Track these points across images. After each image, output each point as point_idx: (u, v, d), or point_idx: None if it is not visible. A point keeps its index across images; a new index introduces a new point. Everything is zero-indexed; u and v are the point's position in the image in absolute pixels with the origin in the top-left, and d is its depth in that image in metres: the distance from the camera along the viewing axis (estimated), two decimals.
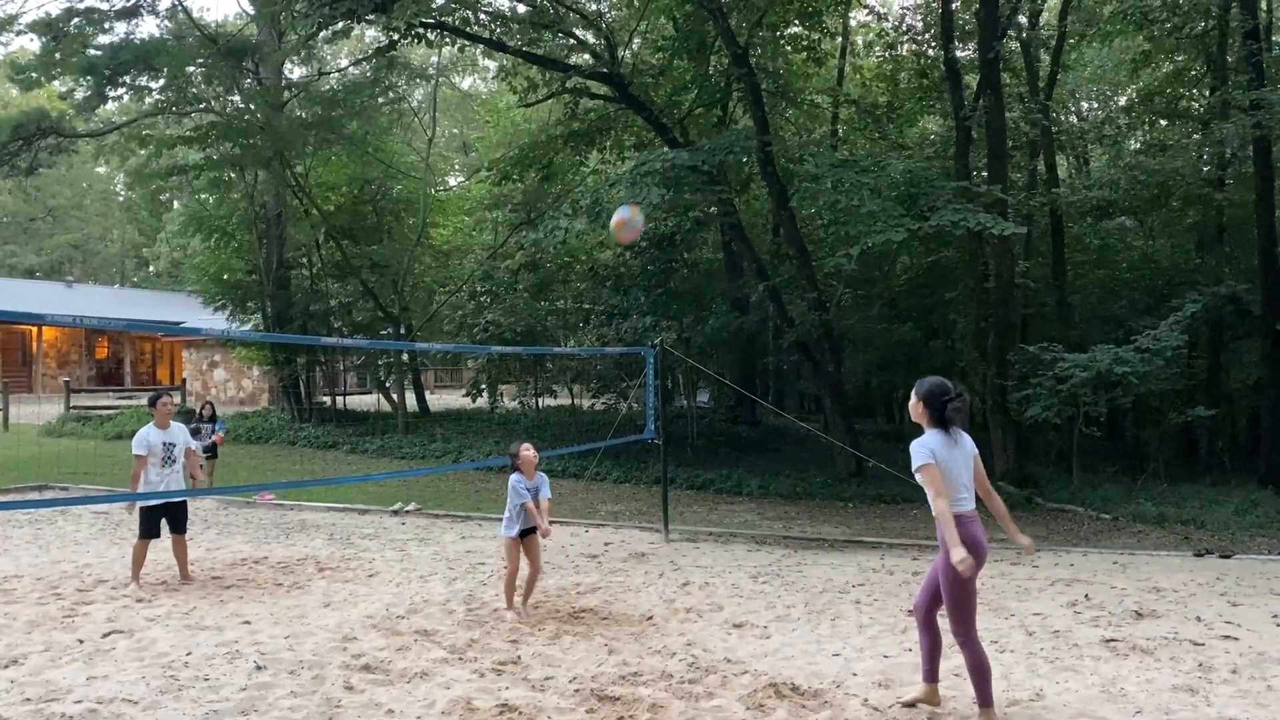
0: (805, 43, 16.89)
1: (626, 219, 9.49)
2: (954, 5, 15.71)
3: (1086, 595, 7.48)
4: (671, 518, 10.59)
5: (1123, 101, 22.39)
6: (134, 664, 5.59)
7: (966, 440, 4.66)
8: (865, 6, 19.84)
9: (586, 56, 16.71)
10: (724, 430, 18.00)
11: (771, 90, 16.39)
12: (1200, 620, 6.68)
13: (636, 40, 18.06)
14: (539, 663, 5.62)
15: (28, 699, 4.95)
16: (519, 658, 5.71)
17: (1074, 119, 23.15)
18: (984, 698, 4.55)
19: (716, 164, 14.16)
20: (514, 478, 6.81)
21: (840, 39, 19.94)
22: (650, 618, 6.72)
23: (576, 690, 5.09)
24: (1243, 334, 16.90)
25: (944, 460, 4.49)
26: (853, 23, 21.06)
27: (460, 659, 5.68)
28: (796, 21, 16.69)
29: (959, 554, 4.30)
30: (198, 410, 12.90)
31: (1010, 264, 14.70)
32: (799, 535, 10.46)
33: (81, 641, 6.08)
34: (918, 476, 4.52)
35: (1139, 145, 20.86)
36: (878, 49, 20.58)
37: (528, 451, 6.84)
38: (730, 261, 19.27)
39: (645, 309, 17.40)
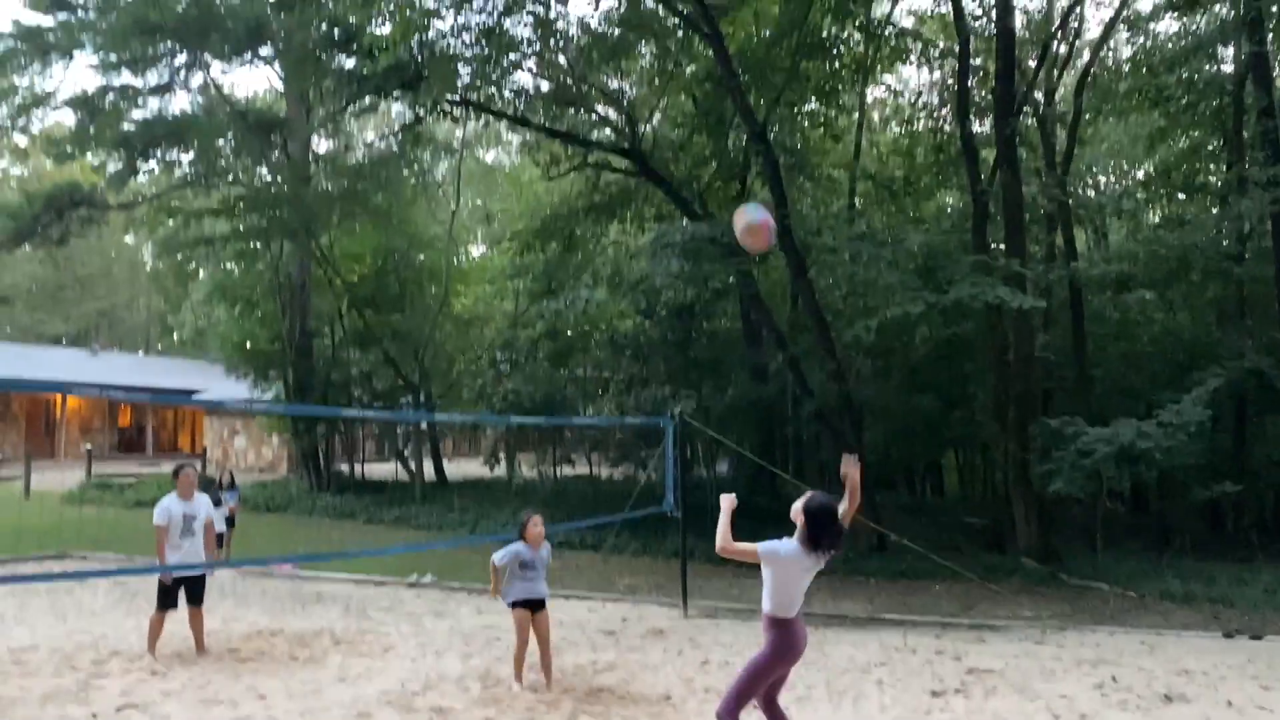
0: (822, 119, 17.17)
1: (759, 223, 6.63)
2: (970, 83, 15.93)
3: (1114, 677, 7.32)
4: (690, 592, 10.47)
5: (1140, 176, 22.54)
6: None
7: (820, 562, 4.73)
8: (881, 84, 20.17)
9: (608, 131, 17.02)
10: (743, 501, 17.83)
11: (789, 164, 16.61)
12: (1231, 705, 6.52)
13: (657, 116, 18.40)
14: None
15: None
16: None
17: (1091, 193, 23.28)
18: None
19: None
20: (517, 544, 6.82)
21: (857, 115, 20.24)
22: (669, 698, 6.62)
23: None
24: (1266, 408, 16.73)
25: (790, 566, 4.66)
26: (869, 99, 21.40)
27: None
28: (814, 98, 16.99)
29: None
30: (218, 478, 12.95)
31: (1030, 337, 14.69)
32: (820, 612, 10.31)
33: (95, 716, 6.04)
34: (745, 547, 4.72)
35: (1158, 219, 20.93)
36: (894, 124, 20.88)
37: (535, 527, 6.89)
38: (749, 331, 19.34)
39: (664, 378, 17.45)
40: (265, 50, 19.46)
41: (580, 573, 12.92)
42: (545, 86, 17.31)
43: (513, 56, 15.76)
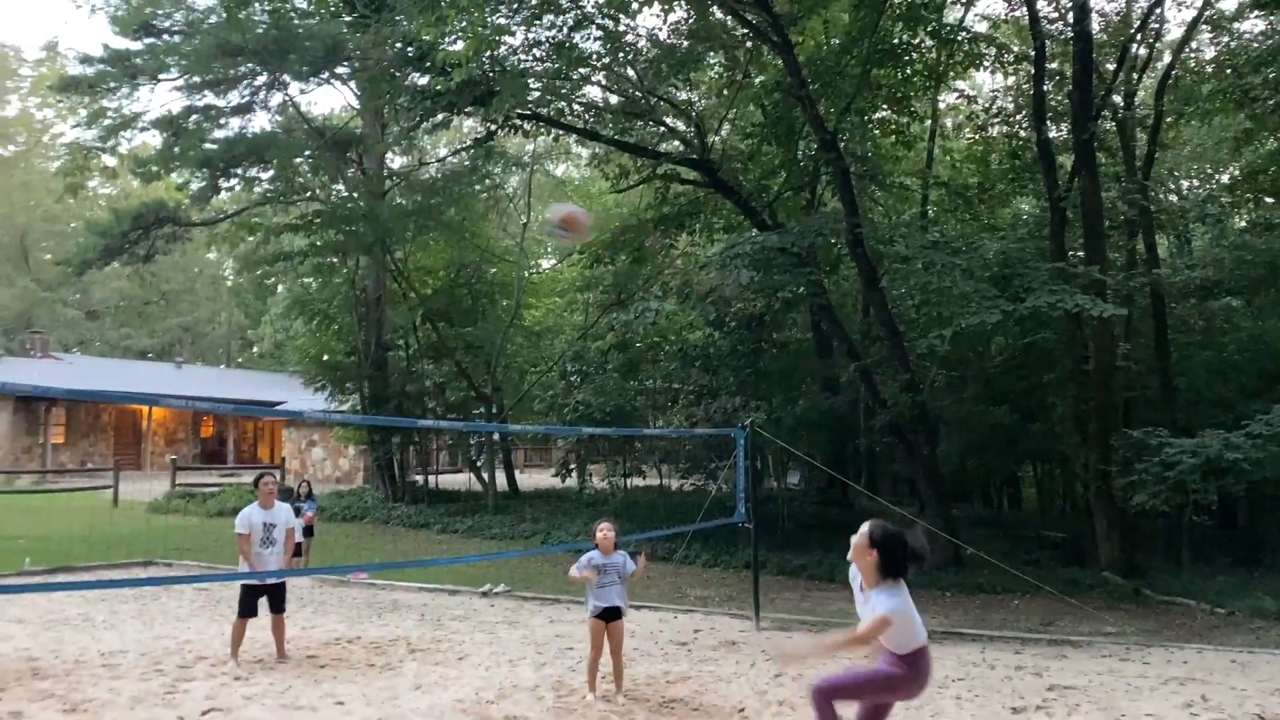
0: (894, 126, 16.99)
1: (573, 216, 8.33)
2: (1046, 87, 15.62)
3: (1203, 696, 7.08)
4: (763, 604, 10.40)
5: (1225, 179, 21.84)
6: None
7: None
8: (954, 90, 19.88)
9: (677, 143, 17.05)
10: (815, 514, 17.71)
11: (860, 173, 16.47)
12: None
13: (726, 127, 18.38)
14: None
15: None
16: None
17: (1174, 197, 22.63)
18: None
19: (806, 246, 14.22)
20: (591, 553, 6.86)
21: (929, 121, 19.98)
22: (742, 710, 6.58)
23: None
24: None
25: (906, 610, 4.37)
26: (942, 105, 21.10)
27: None
28: (885, 106, 16.82)
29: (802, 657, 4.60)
30: (296, 489, 13.24)
31: (1111, 346, 14.32)
32: None
33: (181, 719, 6.20)
34: (871, 625, 4.29)
35: (1244, 224, 20.26)
36: (968, 131, 20.56)
37: (601, 534, 6.94)
38: (820, 342, 19.18)
39: (734, 389, 17.37)
40: (342, 69, 19.94)
41: (651, 584, 12.90)
42: (614, 99, 17.43)
43: (582, 71, 15.91)
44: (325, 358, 24.78)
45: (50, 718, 6.19)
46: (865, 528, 4.48)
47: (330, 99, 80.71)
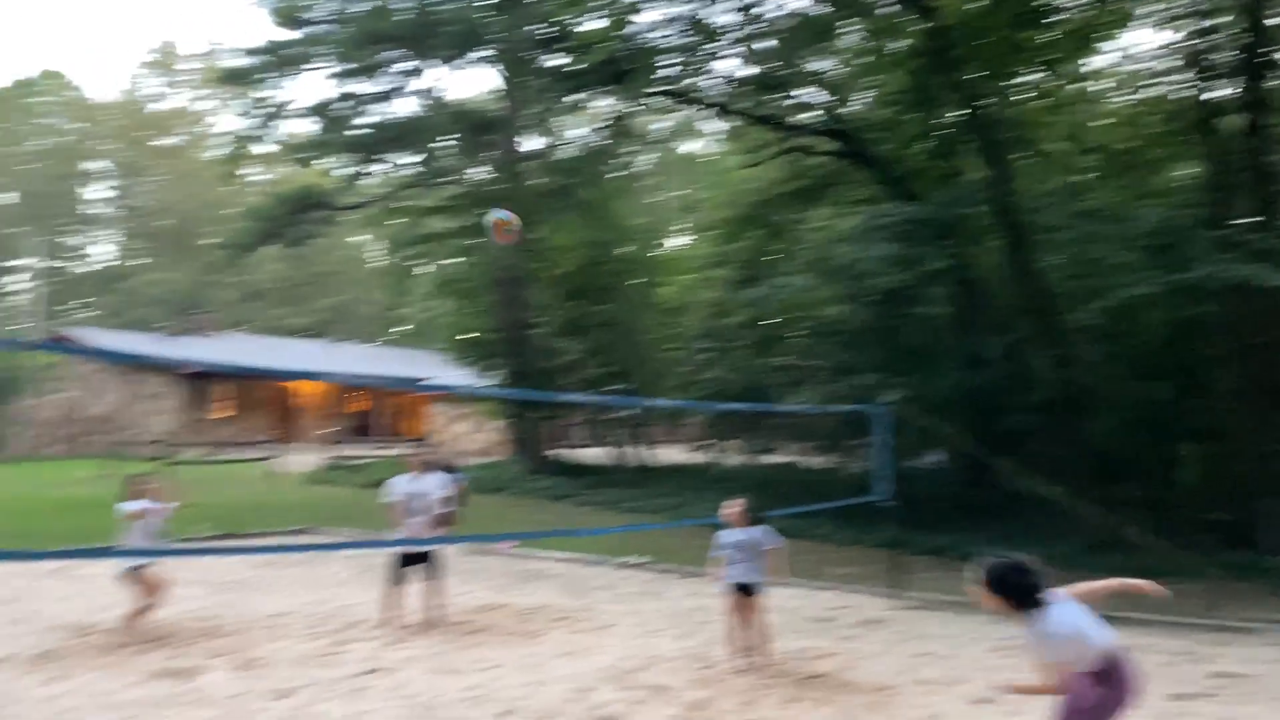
0: (1042, 90, 16.27)
1: (506, 221, 9.84)
2: (1210, 44, 14.68)
3: None
4: (905, 583, 10.23)
5: None
6: (391, 702, 5.96)
7: (1058, 599, 4.16)
8: (1108, 50, 18.88)
9: (812, 114, 16.78)
10: (957, 493, 17.24)
11: (1006, 140, 15.84)
12: None
13: (864, 96, 17.97)
14: None
15: None
16: None
17: None
18: None
19: (948, 217, 13.81)
20: (722, 531, 6.99)
21: (1079, 84, 19.02)
22: (889, 687, 6.50)
23: None
24: None
25: (1076, 641, 4.08)
26: (1093, 66, 20.07)
27: (696, 717, 5.70)
28: (1032, 69, 16.11)
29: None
30: (442, 462, 13.68)
31: None
32: None
33: (344, 678, 6.54)
34: (1043, 679, 4.08)
35: None
36: (1121, 93, 19.49)
37: (725, 509, 7.08)
38: (963, 317, 18.59)
39: (872, 366, 17.03)
40: (481, 52, 20.37)
41: (788, 560, 12.84)
42: (749, 72, 17.25)
43: (717, 44, 15.80)
44: (468, 335, 25.51)
45: (224, 674, 6.62)
46: (976, 580, 4.22)
47: (470, 83, 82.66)
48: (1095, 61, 19.15)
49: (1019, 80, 16.38)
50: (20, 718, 5.51)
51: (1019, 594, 4.06)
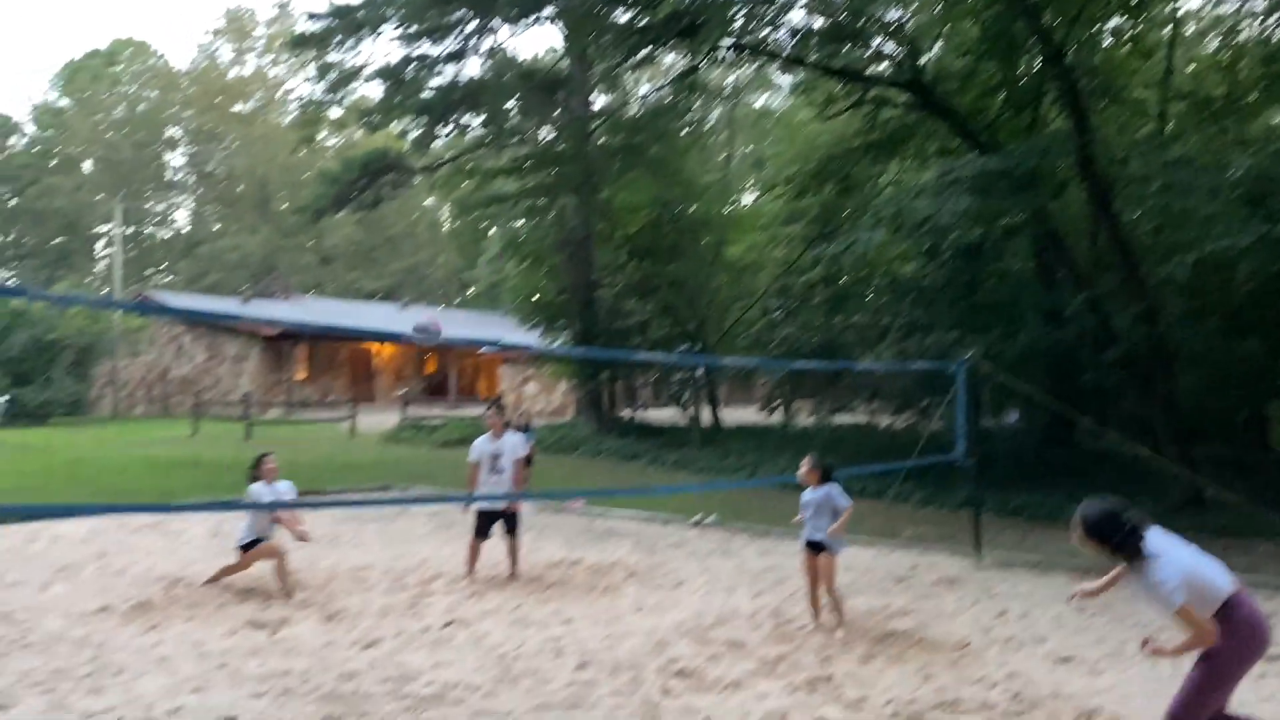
0: (1129, 35, 15.64)
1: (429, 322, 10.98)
2: None
3: None
4: (983, 543, 10.08)
5: None
6: (472, 653, 6.06)
7: (1167, 538, 3.92)
8: None
9: (887, 65, 16.36)
10: (1037, 452, 16.89)
11: (1090, 88, 15.29)
12: None
13: (940, 45, 17.47)
14: (852, 683, 5.53)
15: (386, 678, 5.50)
16: (831, 676, 5.64)
17: None
18: None
19: (1029, 168, 13.39)
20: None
21: (1169, 28, 18.25)
22: (966, 645, 6.43)
23: (893, 714, 4.96)
24: None
25: (1193, 579, 3.79)
26: (1184, 9, 19.25)
27: (772, 672, 5.70)
28: (1119, 13, 15.49)
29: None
30: (515, 422, 13.84)
31: None
32: None
33: (426, 629, 6.68)
34: (1191, 633, 3.77)
35: None
36: (1214, 36, 18.68)
37: (801, 469, 7.09)
38: (1043, 271, 18.10)
39: (950, 323, 16.70)
40: (548, 10, 20.25)
41: (862, 520, 12.74)
42: (822, 23, 16.86)
43: None
44: (537, 297, 25.64)
45: (312, 625, 6.80)
46: (1074, 528, 4.03)
47: (537, 42, 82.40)
48: (1186, 3, 18.37)
49: (1103, 25, 15.76)
50: (120, 664, 5.73)
51: (1117, 539, 3.86)
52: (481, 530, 8.46)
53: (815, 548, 6.77)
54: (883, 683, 5.54)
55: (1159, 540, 3.91)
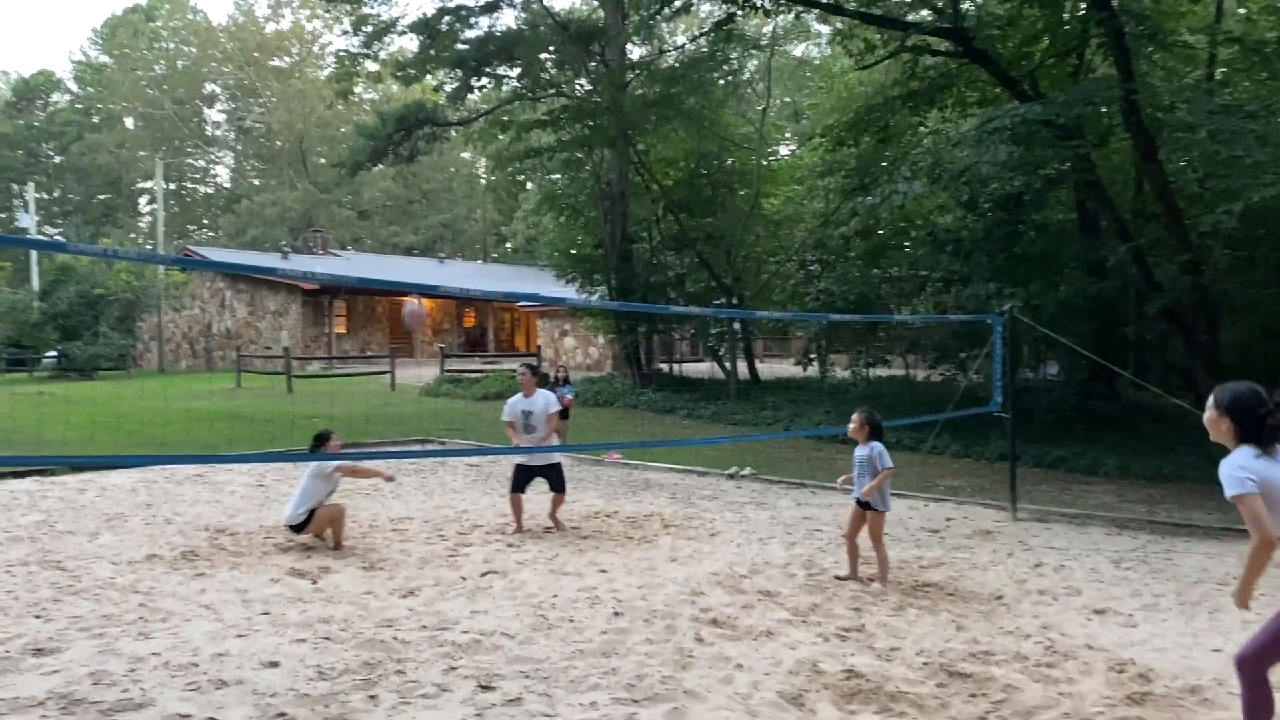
0: None
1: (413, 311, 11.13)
2: None
3: None
4: (1019, 495, 10.05)
5: None
6: (509, 602, 6.18)
7: None
8: None
9: (926, 12, 16.03)
10: (1076, 405, 16.73)
11: (1137, 33, 14.89)
12: None
13: None
14: (884, 633, 5.58)
15: (424, 626, 5.63)
16: (863, 626, 5.69)
17: None
18: None
19: (1072, 117, 13.11)
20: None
21: None
22: (1000, 597, 6.45)
23: (925, 664, 5.00)
24: None
25: (1270, 484, 3.52)
26: None
27: (804, 622, 5.76)
28: None
29: (1240, 602, 3.76)
30: (554, 375, 13.94)
31: None
32: (1166, 520, 9.57)
33: (464, 579, 6.81)
34: (1240, 509, 3.58)
35: None
36: None
37: (850, 424, 7.01)
38: (1085, 222, 17.80)
39: (988, 275, 16.51)
40: None
41: (900, 472, 12.75)
42: None
43: None
44: (574, 251, 25.64)
45: (353, 574, 6.96)
46: (1211, 398, 3.80)
47: None
48: None
49: None
50: (167, 610, 5.91)
51: (1252, 422, 3.62)
52: (518, 485, 8.59)
53: (864, 504, 6.78)
54: (915, 633, 5.58)
55: None
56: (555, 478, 8.70)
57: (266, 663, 4.96)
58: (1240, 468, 3.55)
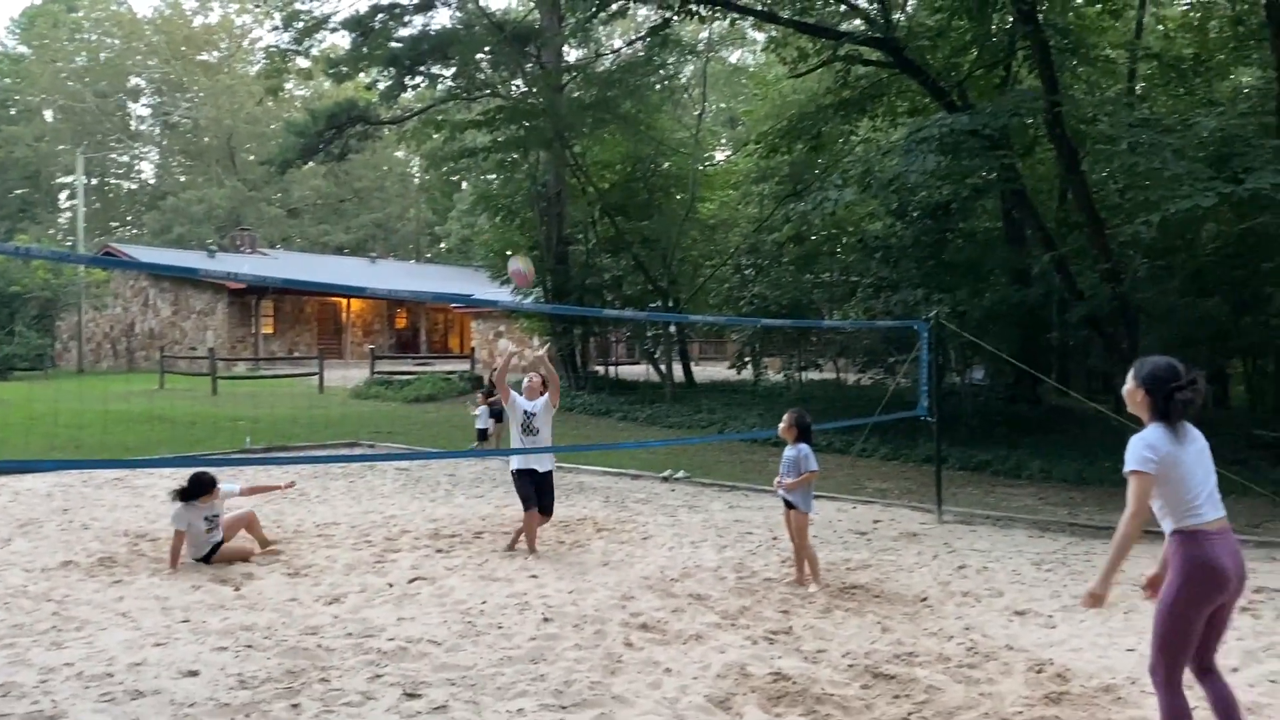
0: None
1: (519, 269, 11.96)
2: None
3: None
4: (944, 498, 10.23)
5: None
6: (436, 609, 6.11)
7: (1198, 437, 3.75)
8: None
9: (859, 22, 16.28)
10: (1001, 409, 17.12)
11: (1061, 46, 15.29)
12: None
13: (912, 2, 17.39)
14: (811, 635, 5.63)
15: (349, 633, 5.54)
16: (791, 628, 5.74)
17: None
18: None
19: (999, 127, 13.41)
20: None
21: None
22: (925, 599, 6.55)
23: (851, 666, 5.06)
24: None
25: (1173, 462, 3.60)
26: None
27: (733, 625, 5.79)
28: None
29: (1100, 589, 3.73)
30: (486, 378, 13.85)
31: None
32: (1086, 523, 9.81)
33: (391, 585, 6.71)
34: (1131, 482, 3.62)
35: None
36: None
37: (780, 424, 7.02)
38: (1011, 230, 18.23)
39: (916, 281, 16.82)
40: None
41: (828, 475, 12.90)
42: None
43: None
44: (509, 252, 25.49)
45: (277, 580, 6.82)
46: (1131, 370, 3.84)
47: None
48: None
49: None
50: (82, 619, 5.73)
51: (1163, 396, 3.66)
52: (531, 498, 7.93)
53: (790, 504, 6.84)
54: (841, 635, 5.64)
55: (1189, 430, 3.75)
56: (550, 495, 8.10)
57: (185, 672, 4.84)
58: (1149, 446, 3.61)
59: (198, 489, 7.22)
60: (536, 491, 7.90)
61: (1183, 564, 3.66)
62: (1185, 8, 18.61)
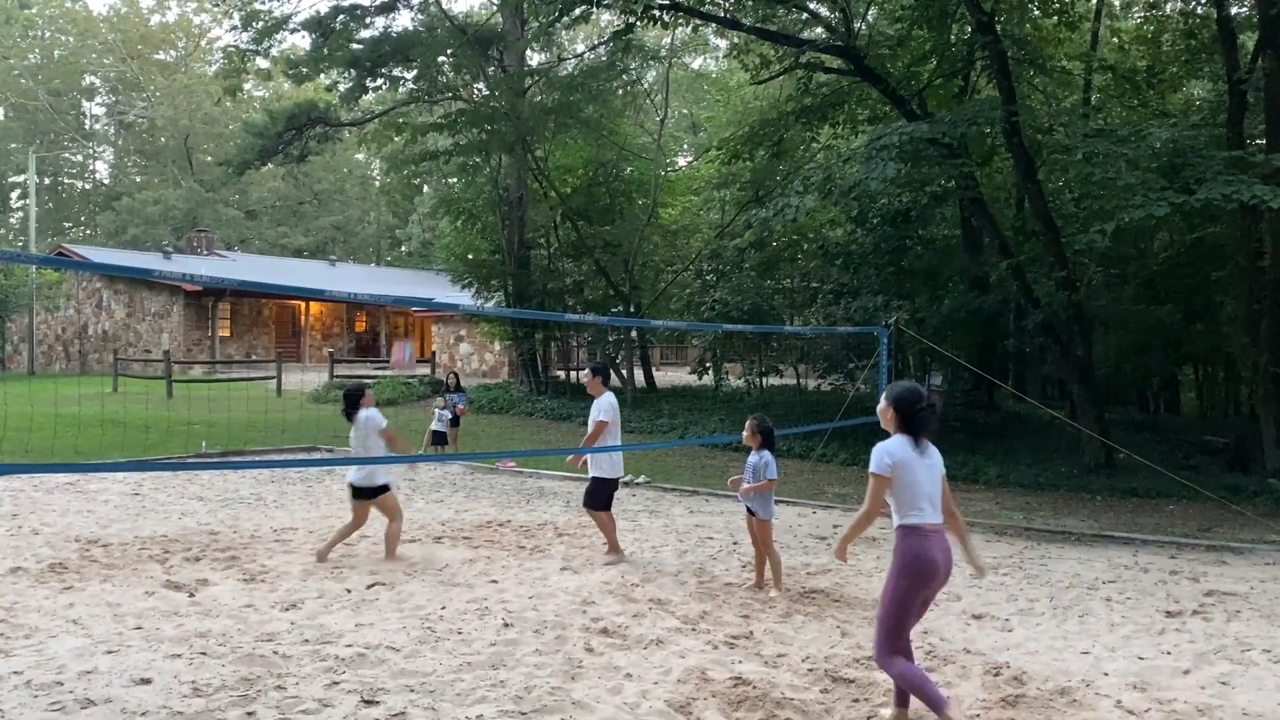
0: (1056, 5, 15.85)
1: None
2: None
3: None
4: None
5: None
6: (395, 615, 6.05)
7: (934, 453, 4.47)
8: None
9: (821, 30, 16.41)
10: (959, 415, 17.31)
11: (1018, 57, 15.53)
12: None
13: (873, 11, 17.55)
14: (771, 639, 5.65)
15: (306, 640, 5.47)
16: (751, 633, 5.76)
17: None
18: (931, 699, 4.13)
19: (957, 136, 13.59)
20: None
21: (1095, 0, 18.58)
22: None
23: (810, 670, 5.08)
24: None
25: (905, 468, 4.31)
26: None
27: (693, 630, 5.80)
28: None
29: (839, 555, 4.80)
30: (445, 381, 13.75)
31: None
32: (1042, 527, 9.95)
33: (349, 591, 6.64)
34: (871, 481, 4.34)
35: None
36: (1138, 9, 19.03)
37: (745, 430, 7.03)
38: (969, 238, 18.46)
39: (876, 288, 16.98)
40: None
41: (789, 480, 12.96)
42: None
43: None
44: (470, 256, 25.39)
45: (233, 585, 6.72)
46: (883, 394, 4.59)
47: None
48: None
49: None
50: (31, 626, 5.61)
51: (908, 414, 4.38)
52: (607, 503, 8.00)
53: (750, 510, 6.86)
54: (801, 639, 5.67)
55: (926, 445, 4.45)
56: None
57: (138, 680, 4.75)
58: (887, 453, 4.32)
59: (357, 395, 8.11)
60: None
61: (903, 554, 4.34)
62: (1139, 20, 18.95)
